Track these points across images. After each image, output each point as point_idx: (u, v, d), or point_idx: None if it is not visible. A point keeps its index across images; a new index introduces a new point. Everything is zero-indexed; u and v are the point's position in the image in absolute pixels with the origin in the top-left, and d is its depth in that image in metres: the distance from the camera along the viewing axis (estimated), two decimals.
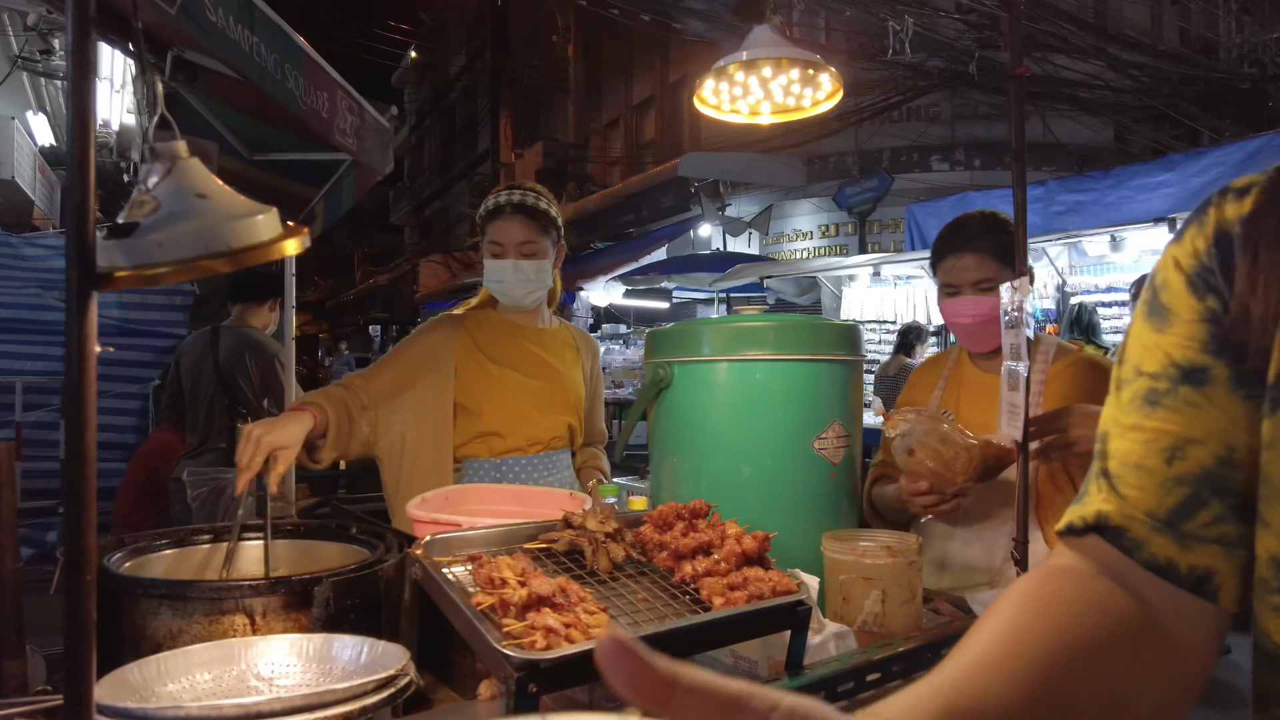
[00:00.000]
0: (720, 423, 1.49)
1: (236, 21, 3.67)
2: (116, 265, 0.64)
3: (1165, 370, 0.64)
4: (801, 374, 1.47)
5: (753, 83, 1.78)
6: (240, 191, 0.79)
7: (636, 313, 13.45)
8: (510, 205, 2.01)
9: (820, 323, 1.52)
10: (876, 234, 11.43)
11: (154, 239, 0.65)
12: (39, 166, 9.50)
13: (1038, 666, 0.56)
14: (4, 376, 5.08)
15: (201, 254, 0.65)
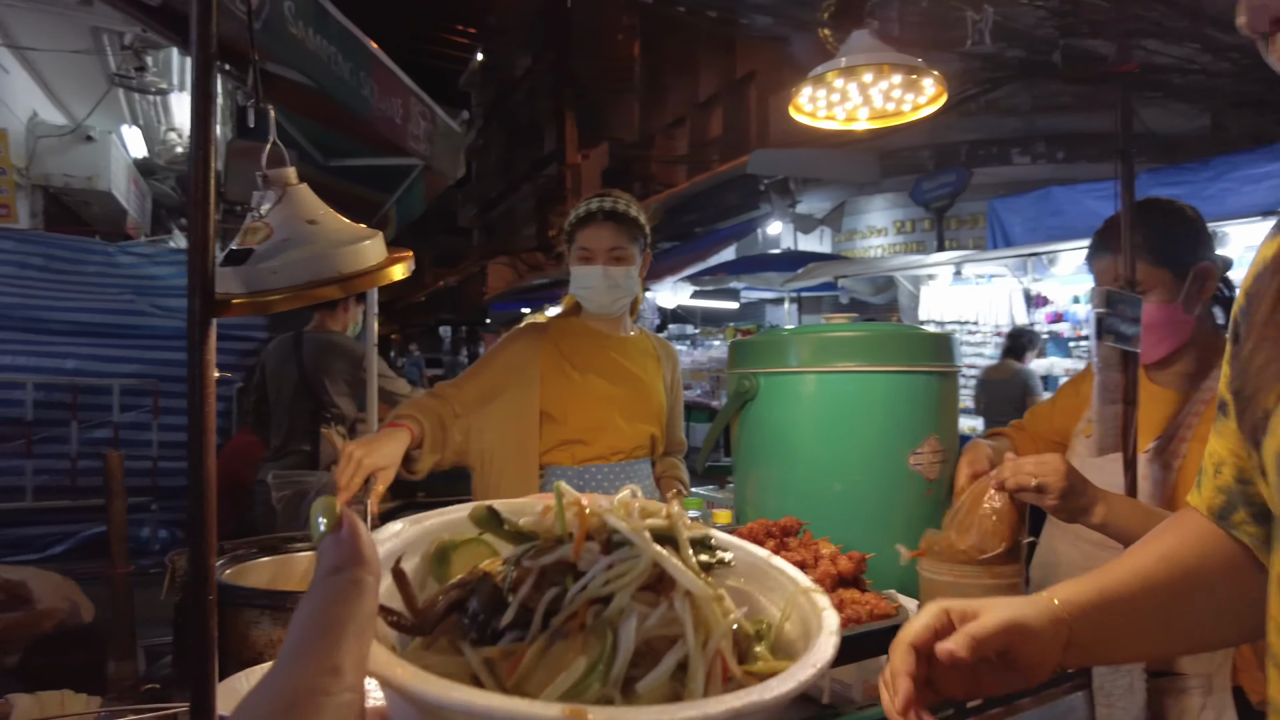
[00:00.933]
0: (809, 436, 1.45)
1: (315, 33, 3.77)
2: (233, 292, 0.65)
3: (1220, 395, 0.81)
4: (895, 386, 1.43)
5: (851, 89, 1.73)
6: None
7: (703, 313, 13.38)
8: (601, 212, 2.03)
9: (915, 332, 1.47)
10: (954, 230, 11.11)
11: (268, 266, 0.65)
12: (132, 178, 9.96)
13: (1174, 583, 0.82)
14: (101, 379, 5.34)
15: (313, 280, 0.65)
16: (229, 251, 0.66)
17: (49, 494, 5.15)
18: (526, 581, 0.40)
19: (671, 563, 0.40)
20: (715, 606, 0.41)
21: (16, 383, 5.14)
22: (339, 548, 0.32)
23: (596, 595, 0.39)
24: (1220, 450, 0.81)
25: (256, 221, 0.68)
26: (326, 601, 0.31)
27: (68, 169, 7.89)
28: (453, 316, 27.30)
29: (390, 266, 0.70)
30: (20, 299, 5.36)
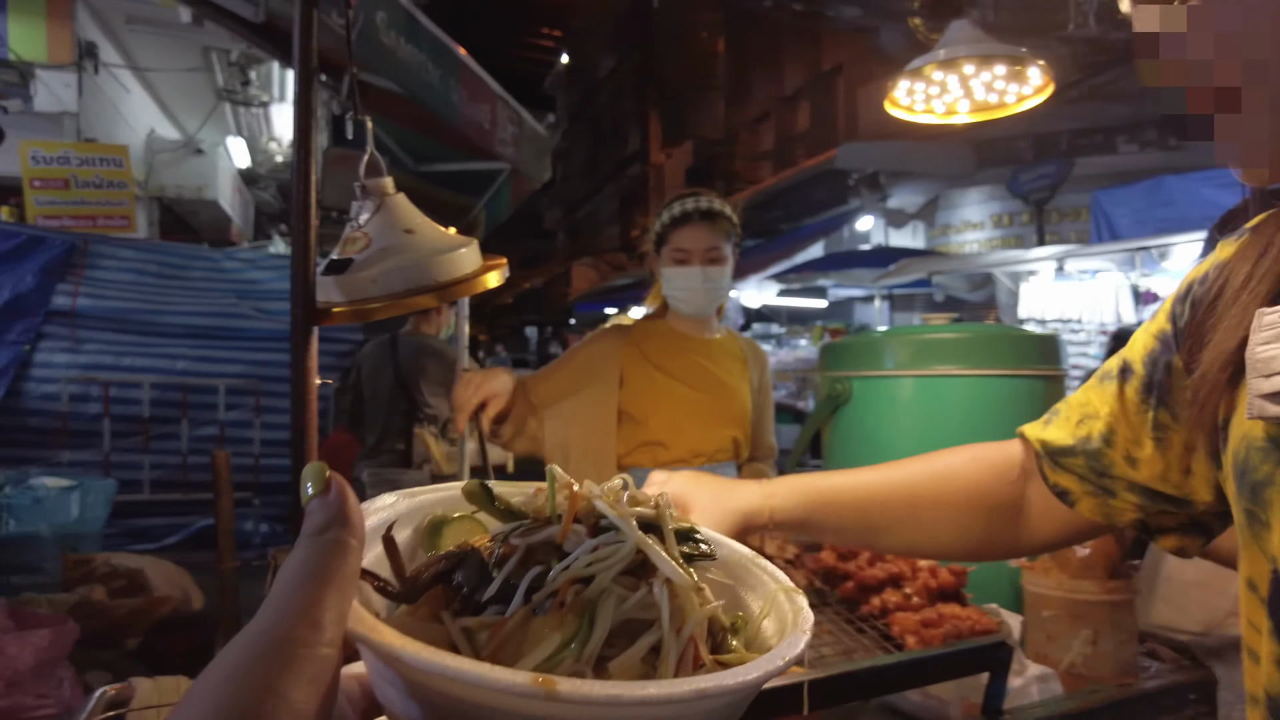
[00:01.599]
0: (905, 443, 1.39)
1: (406, 41, 3.88)
2: (334, 301, 0.66)
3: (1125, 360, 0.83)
4: (998, 391, 1.36)
5: (951, 81, 1.66)
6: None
7: (789, 312, 13.18)
8: (697, 212, 2.01)
9: (1018, 334, 1.40)
10: (1055, 223, 10.61)
11: (367, 275, 0.66)
12: (236, 187, 10.50)
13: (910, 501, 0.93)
14: (208, 379, 5.64)
15: (411, 289, 0.66)
16: (329, 261, 0.67)
17: (163, 488, 5.48)
18: (512, 558, 0.42)
19: (654, 550, 0.41)
20: (693, 595, 0.41)
21: (135, 382, 5.48)
22: (325, 509, 0.32)
23: (579, 575, 0.40)
24: (1100, 409, 0.83)
25: (356, 231, 0.69)
26: (310, 558, 0.31)
27: (180, 180, 8.38)
28: (538, 318, 27.73)
29: (485, 274, 0.70)
30: (138, 304, 5.70)
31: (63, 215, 6.55)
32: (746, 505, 0.91)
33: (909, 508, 0.93)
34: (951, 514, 0.92)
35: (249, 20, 4.32)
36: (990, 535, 0.92)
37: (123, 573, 3.48)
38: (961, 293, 9.32)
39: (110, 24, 7.28)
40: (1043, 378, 1.40)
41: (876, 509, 0.93)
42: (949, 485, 0.93)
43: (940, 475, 0.94)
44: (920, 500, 0.93)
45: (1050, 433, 0.89)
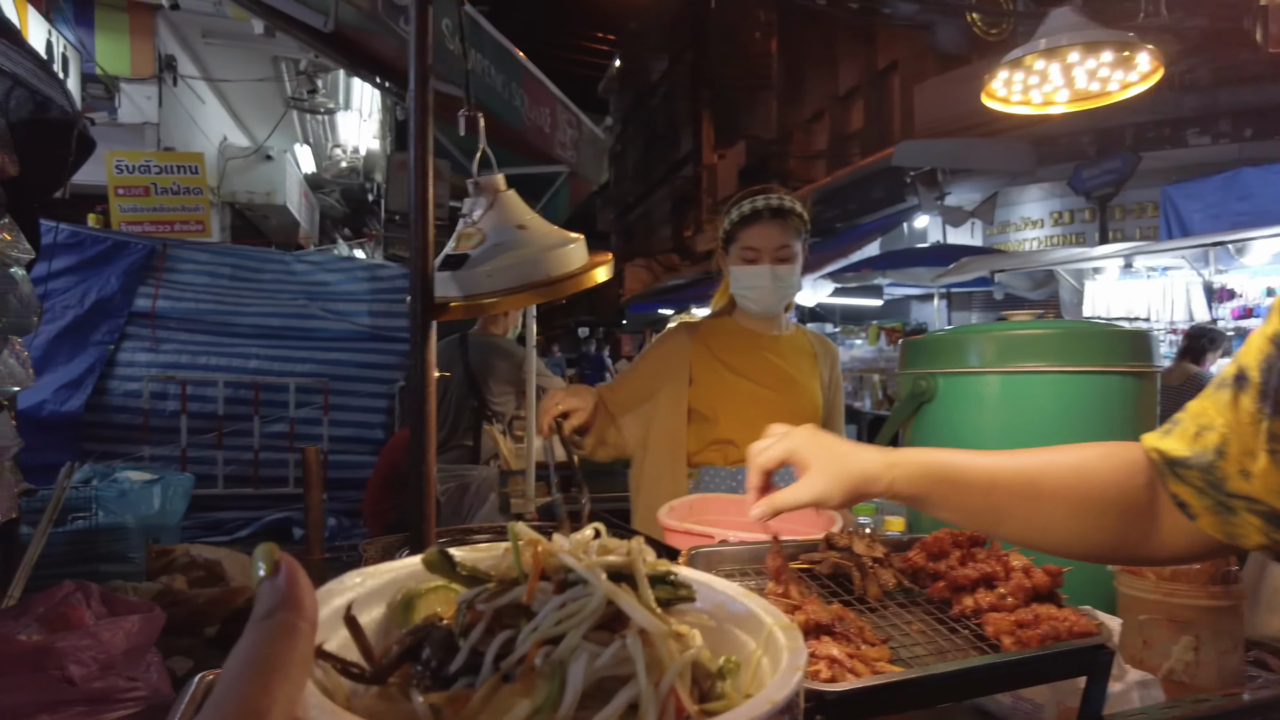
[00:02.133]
0: (991, 442, 1.37)
1: (470, 47, 3.95)
2: (451, 296, 0.67)
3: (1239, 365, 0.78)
4: (1089, 388, 1.32)
5: (1052, 70, 1.61)
6: None
7: (844, 311, 13.02)
8: (768, 210, 1.99)
9: (1110, 330, 1.36)
10: (1119, 220, 10.28)
11: (483, 270, 0.68)
12: (303, 192, 10.80)
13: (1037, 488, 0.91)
14: (279, 377, 5.82)
15: (525, 283, 0.67)
16: (445, 256, 0.69)
17: (235, 482, 5.66)
18: (478, 625, 0.40)
19: (625, 599, 0.39)
20: (670, 643, 0.40)
21: (210, 381, 5.68)
22: (273, 592, 0.32)
23: (548, 636, 0.38)
24: (1215, 418, 0.79)
25: (470, 227, 0.71)
26: (256, 645, 0.30)
27: (251, 186, 8.66)
28: (591, 318, 27.89)
29: (593, 269, 0.71)
30: (213, 305, 5.91)
31: (143, 221, 6.83)
32: (866, 470, 0.91)
33: (1034, 497, 0.90)
34: (1080, 509, 0.89)
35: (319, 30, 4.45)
36: (1118, 537, 0.89)
37: (201, 563, 3.61)
38: (1022, 291, 9.08)
39: (188, 38, 7.57)
40: (1134, 375, 1.36)
41: (1002, 493, 0.91)
42: (1081, 479, 0.89)
43: (1072, 468, 0.90)
44: (1048, 490, 0.90)
45: (1168, 442, 0.85)
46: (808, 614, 0.98)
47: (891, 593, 1.17)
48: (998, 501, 0.92)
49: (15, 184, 2.72)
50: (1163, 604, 1.19)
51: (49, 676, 2.28)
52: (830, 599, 1.12)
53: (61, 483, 3.42)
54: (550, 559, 0.43)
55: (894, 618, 1.12)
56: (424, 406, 0.64)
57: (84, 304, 5.53)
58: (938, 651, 1.06)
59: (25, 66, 2.84)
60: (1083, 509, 0.89)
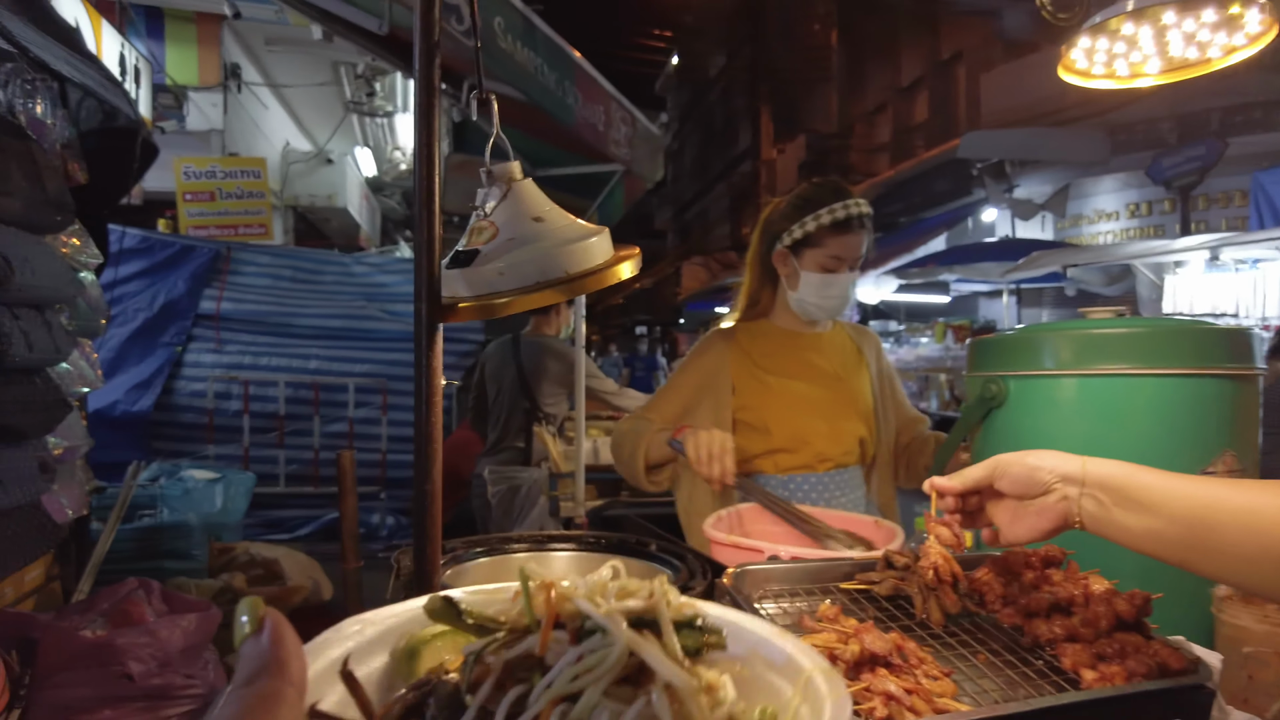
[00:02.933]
0: (1070, 450, 1.25)
1: (523, 45, 3.92)
2: (459, 296, 0.62)
3: None
4: (1179, 392, 1.20)
5: (1143, 35, 1.47)
6: None
7: (908, 308, 12.70)
8: (860, 218, 1.89)
9: (1203, 327, 1.23)
10: (1203, 210, 9.77)
11: (494, 267, 0.62)
12: (364, 194, 11.01)
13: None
14: (339, 377, 5.91)
15: (540, 281, 0.61)
16: (454, 253, 0.64)
17: (296, 481, 5.78)
18: (487, 680, 0.37)
19: (649, 650, 0.36)
20: (700, 700, 0.36)
21: (271, 381, 5.80)
22: (258, 655, 0.29)
23: (564, 693, 0.35)
24: None
25: (482, 221, 0.65)
26: (235, 714, 0.27)
27: (312, 189, 8.85)
28: (648, 317, 27.89)
29: (617, 265, 0.64)
30: (275, 307, 6.04)
31: (209, 225, 7.03)
32: (1058, 456, 0.93)
33: (1243, 529, 0.80)
34: (1257, 560, 0.80)
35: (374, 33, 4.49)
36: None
37: (260, 561, 3.68)
38: (1097, 286, 8.69)
39: (251, 46, 7.78)
40: (1232, 377, 1.23)
41: (1198, 521, 0.83)
42: (1255, 529, 0.79)
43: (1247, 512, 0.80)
44: (1263, 526, 0.79)
45: None
46: (862, 644, 0.90)
47: (956, 618, 1.08)
48: (1199, 521, 0.83)
49: (84, 191, 2.79)
50: (1274, 635, 1.06)
51: (110, 672, 2.32)
52: (888, 624, 1.03)
53: (129, 481, 3.51)
54: (565, 604, 0.39)
55: (959, 646, 1.02)
56: (429, 414, 0.58)
57: (153, 306, 5.71)
58: (1008, 685, 0.96)
59: (94, 78, 2.91)
60: (1260, 560, 0.79)
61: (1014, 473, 0.95)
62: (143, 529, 3.67)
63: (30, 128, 2.45)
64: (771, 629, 0.47)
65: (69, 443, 2.70)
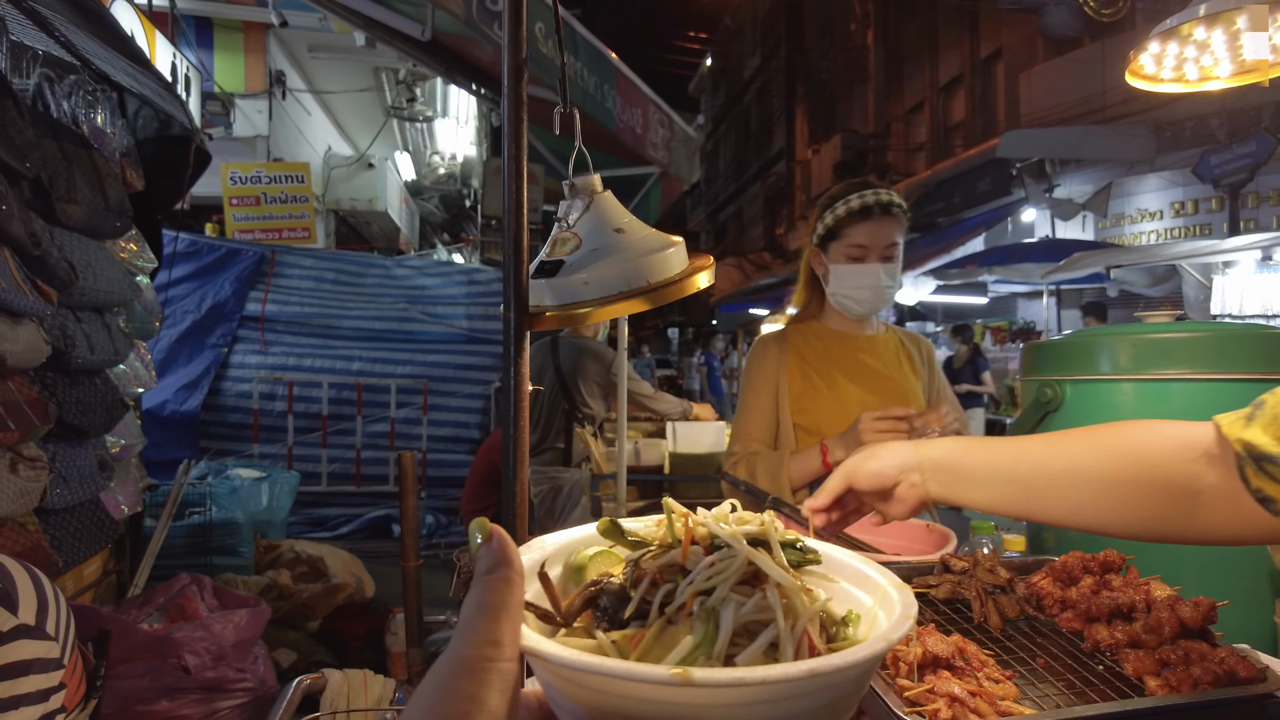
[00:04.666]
0: None
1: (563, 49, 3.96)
2: (545, 305, 0.64)
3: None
4: (1238, 399, 1.18)
5: (1215, 39, 1.45)
6: None
7: (945, 309, 12.56)
8: (879, 205, 1.88)
9: (1265, 332, 1.22)
10: (1253, 209, 9.53)
11: (580, 277, 0.64)
12: (403, 198, 11.14)
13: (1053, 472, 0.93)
14: (380, 378, 6.00)
15: (624, 290, 0.63)
16: (540, 263, 0.66)
17: (338, 480, 5.87)
18: (644, 580, 0.48)
19: (763, 559, 0.46)
20: (802, 595, 0.47)
21: (315, 381, 5.90)
22: (491, 555, 0.39)
23: (701, 589, 0.46)
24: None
25: (565, 232, 0.67)
26: (484, 594, 0.38)
27: (353, 194, 8.99)
28: (681, 319, 27.87)
29: (694, 274, 0.66)
30: (318, 309, 6.15)
31: (254, 229, 7.18)
32: (897, 451, 1.01)
33: (1066, 479, 0.92)
34: (1114, 489, 0.90)
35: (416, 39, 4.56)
36: (1154, 515, 0.89)
37: (305, 559, 3.75)
38: (1140, 287, 8.53)
39: (295, 54, 7.93)
40: None
41: (1029, 476, 0.94)
42: (1117, 458, 0.90)
43: (1110, 447, 0.91)
44: (1081, 473, 0.91)
45: (1253, 433, 0.81)
46: (924, 646, 0.90)
47: (1014, 622, 1.08)
48: (1027, 480, 0.94)
49: (140, 197, 2.88)
50: None
51: (168, 665, 2.39)
52: (947, 628, 1.04)
53: (180, 479, 3.61)
54: (699, 528, 0.50)
55: (1018, 650, 1.02)
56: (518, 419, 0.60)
57: (201, 309, 5.84)
58: (1069, 689, 0.96)
59: (151, 88, 3.00)
60: (1120, 489, 0.89)
61: (863, 477, 1.04)
62: (193, 526, 3.76)
63: (92, 137, 2.54)
64: (855, 555, 0.56)
65: (126, 441, 2.79)
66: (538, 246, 0.80)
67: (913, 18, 15.12)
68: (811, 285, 2.05)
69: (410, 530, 1.35)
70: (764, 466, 1.88)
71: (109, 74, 2.76)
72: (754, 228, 23.96)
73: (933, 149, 14.35)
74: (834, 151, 16.24)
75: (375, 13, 4.38)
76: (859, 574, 0.55)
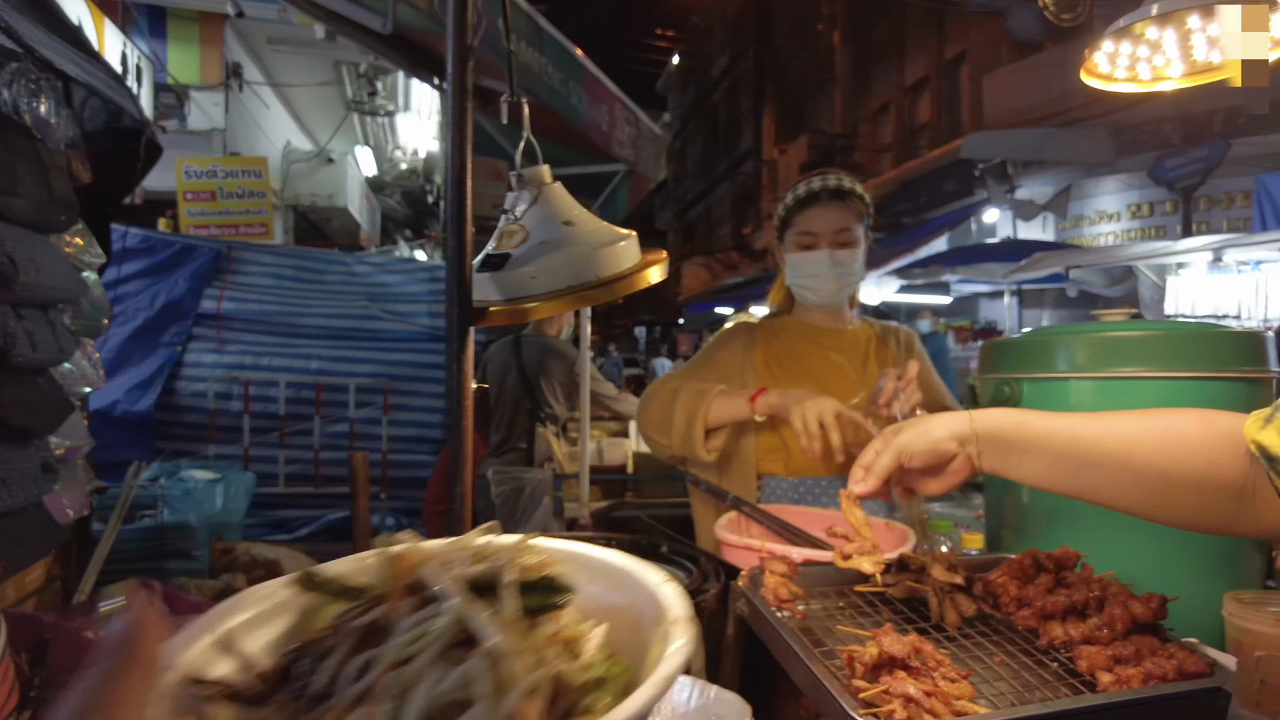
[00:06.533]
0: None
1: (529, 45, 3.90)
2: (491, 300, 0.61)
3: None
4: (1195, 395, 1.20)
5: (1167, 39, 1.46)
6: None
7: (908, 308, 12.69)
8: (825, 191, 1.84)
9: (1219, 331, 1.23)
10: (1205, 211, 9.77)
11: (527, 271, 0.62)
12: (364, 194, 10.98)
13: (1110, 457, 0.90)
14: (341, 377, 5.89)
15: (573, 284, 0.61)
16: (485, 256, 0.63)
17: (297, 481, 5.75)
18: (342, 646, 0.39)
19: (476, 617, 0.37)
20: (522, 661, 0.37)
21: (273, 381, 5.78)
22: (121, 630, 0.31)
23: (398, 659, 0.37)
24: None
25: (512, 224, 0.65)
26: (94, 688, 0.30)
27: (313, 189, 8.84)
28: (650, 318, 27.87)
29: (646, 269, 0.64)
30: (277, 307, 6.02)
31: (210, 225, 7.02)
32: (951, 422, 0.99)
33: (1119, 460, 0.89)
34: (1164, 480, 0.88)
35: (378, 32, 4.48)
36: (1202, 509, 0.88)
37: (261, 562, 3.67)
38: (1099, 288, 8.69)
39: (254, 45, 7.77)
40: (1249, 381, 1.23)
41: (1084, 451, 0.92)
42: (1169, 449, 0.87)
43: (1164, 437, 0.88)
44: (1135, 455, 0.88)
45: (1268, 436, 0.80)
46: (880, 646, 0.89)
47: (971, 620, 1.08)
48: (1080, 458, 0.92)
49: (88, 190, 2.79)
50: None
51: None
52: (905, 627, 1.03)
53: (130, 481, 3.50)
54: (412, 572, 0.41)
55: (975, 649, 1.02)
56: (461, 416, 0.58)
57: (154, 306, 5.69)
58: (1024, 687, 0.96)
59: (99, 77, 2.90)
60: (1168, 479, 0.88)
61: (918, 451, 1.01)
62: (144, 529, 3.66)
63: (36, 127, 2.45)
64: (657, 579, 0.46)
65: (71, 443, 2.70)
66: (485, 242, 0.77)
67: (881, 19, 15.27)
68: (782, 281, 2.02)
69: (362, 532, 1.31)
70: (684, 401, 1.76)
71: (54, 62, 2.66)
72: (722, 227, 24.03)
73: (900, 150, 14.51)
74: (802, 152, 16.34)
75: (336, 4, 4.28)
76: (651, 607, 0.45)
